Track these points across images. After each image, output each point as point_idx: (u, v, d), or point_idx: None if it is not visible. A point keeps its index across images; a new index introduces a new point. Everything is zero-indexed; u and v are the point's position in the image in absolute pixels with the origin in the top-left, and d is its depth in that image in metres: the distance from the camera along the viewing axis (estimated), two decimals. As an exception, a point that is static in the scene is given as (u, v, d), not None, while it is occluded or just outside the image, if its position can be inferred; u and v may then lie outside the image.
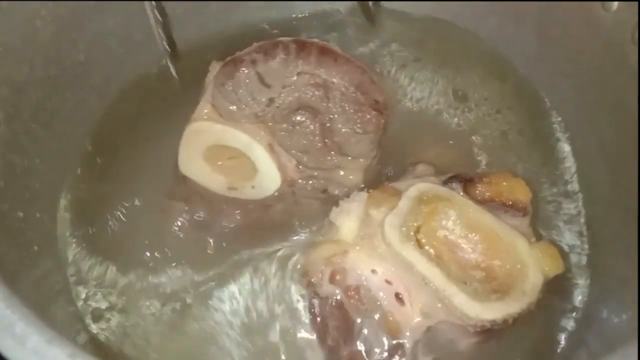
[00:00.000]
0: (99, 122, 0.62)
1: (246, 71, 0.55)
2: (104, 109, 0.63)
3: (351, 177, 0.57)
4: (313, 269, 0.51)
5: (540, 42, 0.63)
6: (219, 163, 0.57)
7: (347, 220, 0.51)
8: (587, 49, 0.58)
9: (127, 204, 0.59)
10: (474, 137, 0.63)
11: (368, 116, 0.56)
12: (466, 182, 0.53)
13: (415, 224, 0.50)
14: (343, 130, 0.56)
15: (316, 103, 0.56)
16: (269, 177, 0.55)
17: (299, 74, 0.55)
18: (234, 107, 0.55)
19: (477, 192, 0.52)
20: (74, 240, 0.57)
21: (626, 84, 0.54)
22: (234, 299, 0.54)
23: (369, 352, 0.48)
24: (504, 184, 0.53)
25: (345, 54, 0.58)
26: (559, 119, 0.64)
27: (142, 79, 0.65)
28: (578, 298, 0.55)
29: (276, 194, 0.56)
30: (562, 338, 0.53)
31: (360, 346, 0.48)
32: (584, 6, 0.56)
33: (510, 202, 0.52)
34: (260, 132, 0.55)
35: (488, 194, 0.52)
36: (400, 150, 0.61)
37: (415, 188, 0.51)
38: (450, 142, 0.62)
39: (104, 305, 0.54)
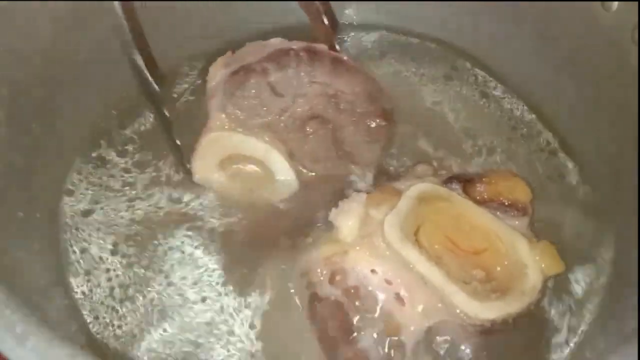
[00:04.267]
0: (99, 122, 0.62)
1: (257, 81, 0.55)
2: (104, 109, 0.63)
3: (361, 182, 0.58)
4: (313, 269, 0.51)
5: (540, 42, 0.63)
6: (233, 168, 0.57)
7: (347, 221, 0.51)
8: (587, 49, 0.58)
9: (129, 204, 0.59)
10: (472, 137, 0.63)
11: (377, 124, 0.57)
12: (466, 182, 0.53)
13: (415, 224, 0.50)
14: (353, 138, 0.57)
15: (328, 112, 0.56)
16: (286, 183, 0.56)
17: (311, 83, 0.55)
18: (246, 116, 0.55)
19: (477, 192, 0.52)
20: (75, 240, 0.57)
21: (626, 84, 0.54)
22: (235, 301, 0.54)
23: (369, 352, 0.48)
24: (504, 183, 0.53)
25: (354, 63, 0.59)
26: (559, 119, 0.64)
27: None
28: (579, 299, 0.55)
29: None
30: (562, 339, 0.53)
31: (361, 347, 0.48)
32: (584, 6, 0.56)
33: (510, 202, 0.52)
34: (275, 141, 0.55)
35: (487, 194, 0.52)
36: (400, 150, 0.61)
37: (415, 188, 0.51)
38: (450, 141, 0.62)
39: (104, 305, 0.54)
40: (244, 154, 0.56)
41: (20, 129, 0.53)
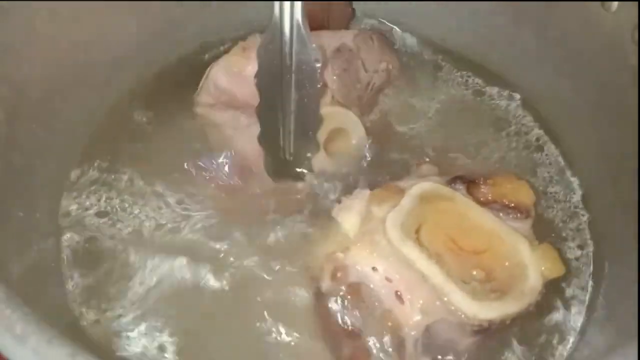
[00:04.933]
0: (99, 122, 0.62)
1: (356, 58, 0.60)
2: (104, 108, 0.63)
3: None
4: (315, 266, 0.51)
5: (540, 42, 0.63)
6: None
7: (349, 217, 0.52)
8: (587, 49, 0.58)
9: (128, 204, 0.59)
10: (473, 137, 0.63)
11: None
12: (470, 183, 0.53)
13: (416, 222, 0.50)
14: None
15: (388, 85, 0.64)
16: (359, 155, 0.60)
17: (381, 61, 0.62)
18: (347, 91, 0.59)
19: (481, 193, 0.52)
20: (75, 240, 0.57)
21: (626, 84, 0.54)
22: (234, 293, 0.54)
23: (369, 349, 0.48)
24: (508, 186, 0.53)
25: None
26: (559, 119, 0.64)
27: (142, 79, 0.65)
28: (579, 298, 0.55)
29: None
30: (562, 338, 0.53)
31: (361, 342, 0.48)
32: (584, 6, 0.56)
33: (513, 204, 0.52)
34: (358, 112, 0.60)
35: (491, 195, 0.52)
36: (405, 150, 0.62)
37: (418, 187, 0.51)
38: (452, 142, 0.63)
39: (105, 304, 0.54)
40: (340, 128, 0.59)
41: (20, 129, 0.53)
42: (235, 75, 0.59)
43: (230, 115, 0.59)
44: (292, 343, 0.51)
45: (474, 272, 0.49)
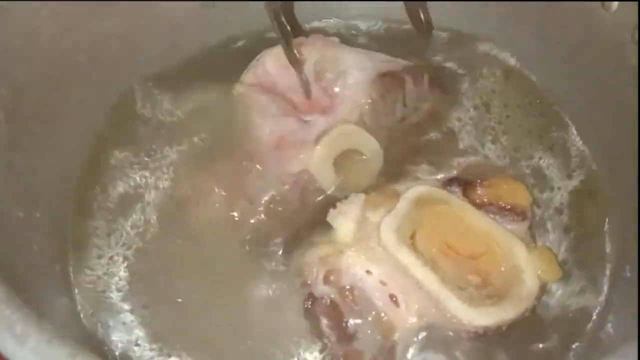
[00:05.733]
0: (99, 122, 0.62)
1: (398, 89, 0.60)
2: (104, 109, 0.63)
3: None
4: (308, 269, 0.51)
5: (540, 42, 0.63)
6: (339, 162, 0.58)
7: (345, 222, 0.51)
8: (587, 49, 0.58)
9: (128, 204, 0.59)
10: (472, 136, 0.63)
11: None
12: (466, 185, 0.53)
13: (412, 227, 0.50)
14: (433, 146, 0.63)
15: (429, 124, 0.63)
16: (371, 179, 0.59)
17: (425, 101, 0.62)
18: (376, 117, 0.59)
19: (477, 195, 0.52)
20: (75, 240, 0.57)
21: (626, 84, 0.54)
22: (232, 296, 0.54)
23: (362, 352, 0.48)
24: (504, 187, 0.53)
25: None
26: (559, 119, 0.64)
27: (142, 79, 0.65)
28: (578, 300, 0.55)
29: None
30: (562, 340, 0.53)
31: (354, 347, 0.48)
32: (584, 6, 0.56)
33: (510, 206, 0.52)
34: (384, 142, 0.59)
35: (487, 197, 0.52)
36: (401, 152, 0.61)
37: (413, 190, 0.51)
38: (452, 142, 0.63)
39: (105, 305, 0.54)
40: (356, 150, 0.58)
41: (20, 129, 0.53)
42: (282, 65, 0.61)
43: (264, 100, 0.60)
44: (283, 345, 0.51)
45: (470, 278, 0.49)
